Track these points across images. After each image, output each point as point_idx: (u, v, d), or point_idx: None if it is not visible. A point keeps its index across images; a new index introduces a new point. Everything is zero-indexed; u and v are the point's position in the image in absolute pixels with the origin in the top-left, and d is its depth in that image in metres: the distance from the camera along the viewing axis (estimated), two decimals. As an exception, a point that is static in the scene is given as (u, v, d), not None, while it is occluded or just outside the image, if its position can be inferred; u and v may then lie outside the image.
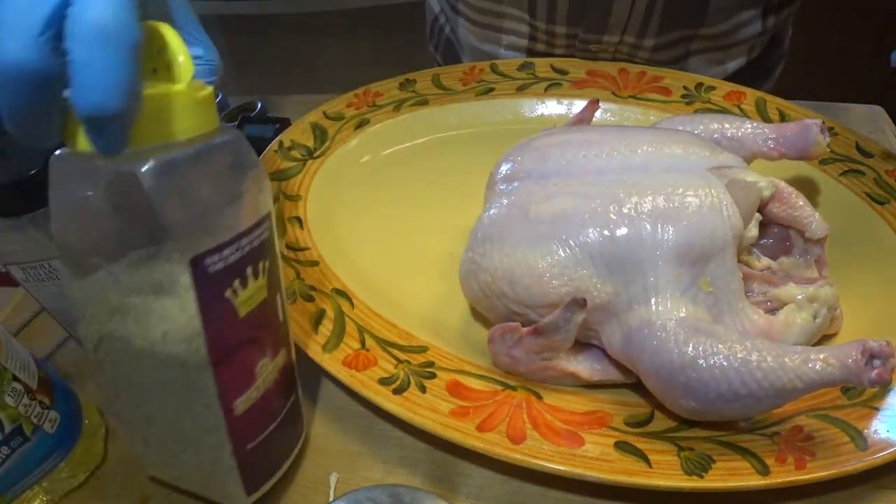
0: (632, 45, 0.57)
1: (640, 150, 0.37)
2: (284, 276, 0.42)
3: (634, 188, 0.35)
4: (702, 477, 0.31)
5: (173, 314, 0.25)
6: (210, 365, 0.26)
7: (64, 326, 0.40)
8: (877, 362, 0.28)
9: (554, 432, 0.33)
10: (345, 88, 0.57)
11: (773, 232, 0.38)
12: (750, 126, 0.42)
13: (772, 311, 0.36)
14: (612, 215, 0.34)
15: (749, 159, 0.42)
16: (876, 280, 0.40)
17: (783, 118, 0.50)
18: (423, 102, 0.56)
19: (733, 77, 0.61)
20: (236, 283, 0.27)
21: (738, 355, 0.30)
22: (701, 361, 0.31)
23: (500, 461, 0.33)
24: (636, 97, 0.54)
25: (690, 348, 0.31)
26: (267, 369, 0.30)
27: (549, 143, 0.40)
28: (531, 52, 0.63)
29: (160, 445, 0.31)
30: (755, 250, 0.38)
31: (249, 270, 0.27)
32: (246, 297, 0.27)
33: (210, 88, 0.25)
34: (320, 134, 0.53)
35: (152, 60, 0.25)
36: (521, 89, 0.56)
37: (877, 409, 0.33)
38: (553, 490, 0.34)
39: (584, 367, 0.36)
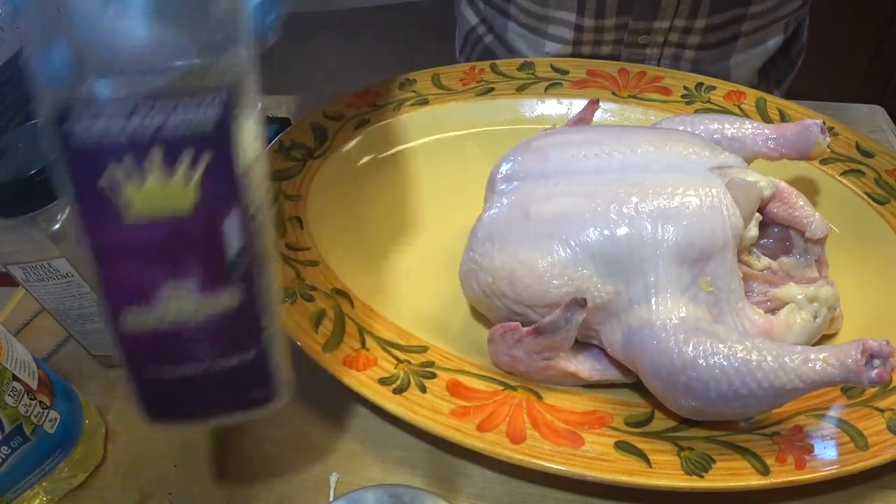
0: (682, 31, 0.58)
1: (640, 150, 0.37)
2: (284, 277, 0.42)
3: (635, 188, 0.35)
4: (702, 477, 0.31)
5: None
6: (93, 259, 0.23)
7: (64, 326, 0.40)
8: (877, 362, 0.28)
9: (554, 432, 0.33)
10: (345, 88, 0.57)
11: (773, 232, 0.38)
12: (750, 126, 0.42)
13: (772, 310, 0.36)
14: (612, 215, 0.34)
15: (749, 159, 0.42)
16: (876, 280, 0.40)
17: (783, 118, 0.50)
18: (423, 102, 0.56)
19: (766, 67, 0.62)
20: (120, 169, 0.21)
21: (739, 355, 0.30)
22: (701, 361, 0.31)
23: (500, 461, 0.33)
24: (636, 97, 0.54)
25: (691, 348, 0.31)
26: (184, 301, 0.24)
27: (550, 142, 0.40)
28: (575, 56, 0.63)
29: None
30: (755, 250, 0.38)
31: (156, 158, 0.21)
32: (142, 195, 0.22)
33: None
34: (320, 134, 0.53)
35: None
36: (521, 89, 0.56)
37: (877, 409, 0.33)
38: (553, 490, 0.34)
39: (584, 367, 0.36)
